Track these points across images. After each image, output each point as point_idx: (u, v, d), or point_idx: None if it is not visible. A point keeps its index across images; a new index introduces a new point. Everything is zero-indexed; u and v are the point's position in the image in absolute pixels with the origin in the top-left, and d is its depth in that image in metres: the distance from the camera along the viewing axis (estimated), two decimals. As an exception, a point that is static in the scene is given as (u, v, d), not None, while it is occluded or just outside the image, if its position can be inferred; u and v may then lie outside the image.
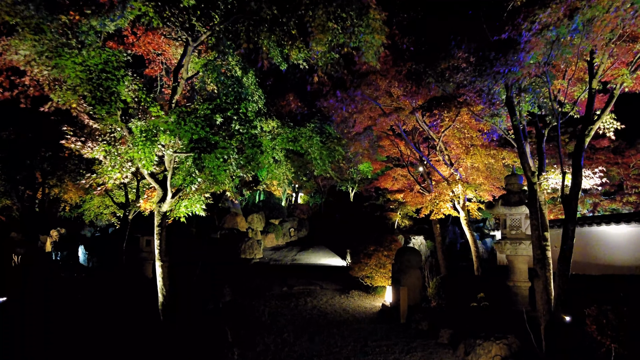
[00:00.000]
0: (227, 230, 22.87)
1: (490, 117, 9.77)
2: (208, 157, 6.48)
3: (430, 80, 10.24)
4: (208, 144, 6.53)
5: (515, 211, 11.04)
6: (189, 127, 6.38)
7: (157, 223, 8.08)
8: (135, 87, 6.96)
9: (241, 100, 7.01)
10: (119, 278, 15.55)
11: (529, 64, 7.35)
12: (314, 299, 14.23)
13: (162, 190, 8.00)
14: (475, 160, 15.12)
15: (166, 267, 8.27)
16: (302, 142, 7.66)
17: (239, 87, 7.28)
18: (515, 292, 10.99)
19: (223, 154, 6.58)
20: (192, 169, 6.82)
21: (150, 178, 7.85)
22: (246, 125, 6.89)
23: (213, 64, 7.22)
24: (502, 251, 11.24)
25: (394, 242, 14.83)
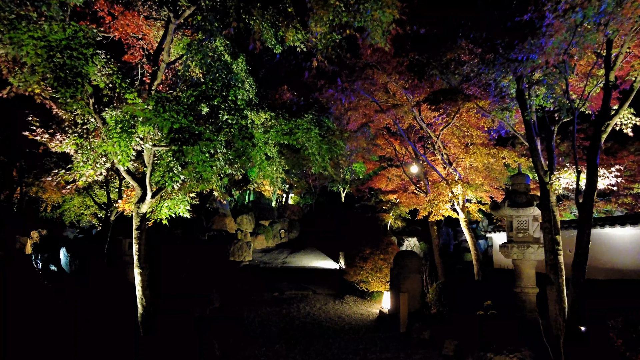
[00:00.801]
0: (216, 232, 21.90)
1: (500, 112, 9.05)
2: (191, 150, 5.60)
3: (434, 73, 9.49)
4: (191, 135, 5.64)
5: (522, 213, 10.33)
6: (169, 115, 5.50)
7: (136, 226, 7.18)
8: (109, 70, 6.05)
9: (230, 87, 6.14)
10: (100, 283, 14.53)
11: (549, 51, 6.61)
12: (307, 305, 13.39)
13: (141, 189, 7.10)
14: (474, 160, 14.45)
15: (146, 275, 7.36)
16: (299, 136, 6.81)
17: (228, 72, 6.42)
18: (522, 299, 10.28)
19: (209, 148, 5.72)
20: (173, 164, 5.94)
21: (127, 175, 6.95)
22: (236, 114, 6.02)
23: (198, 44, 6.33)
24: (508, 255, 10.52)
25: (390, 245, 14.07)
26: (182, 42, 7.18)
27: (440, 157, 14.56)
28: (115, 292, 12.97)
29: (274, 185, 7.51)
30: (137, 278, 7.29)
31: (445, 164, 14.52)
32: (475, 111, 13.87)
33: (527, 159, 14.52)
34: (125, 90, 5.83)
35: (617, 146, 27.80)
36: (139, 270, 7.26)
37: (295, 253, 22.97)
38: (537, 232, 10.51)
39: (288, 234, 26.21)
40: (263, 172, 6.97)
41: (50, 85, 5.28)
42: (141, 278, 7.26)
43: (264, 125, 6.97)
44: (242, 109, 6.15)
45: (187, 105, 5.83)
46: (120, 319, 9.97)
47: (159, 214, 7.66)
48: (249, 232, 23.70)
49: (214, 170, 6.07)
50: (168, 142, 5.72)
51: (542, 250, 10.30)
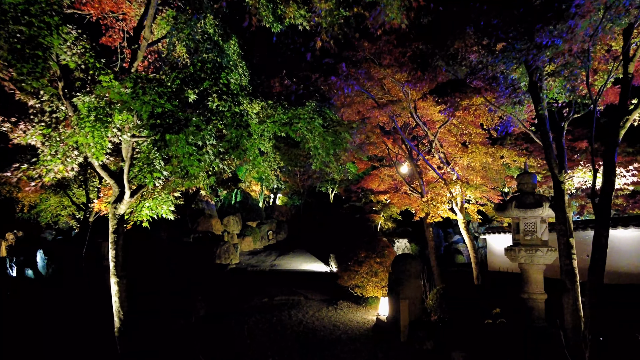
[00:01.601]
0: (201, 234, 20.87)
1: (512, 106, 8.38)
2: (175, 140, 4.73)
3: (439, 64, 8.80)
4: (176, 121, 4.75)
5: (530, 214, 9.67)
6: (150, 98, 4.62)
7: (112, 228, 6.26)
8: (80, 48, 5.13)
9: (221, 69, 5.30)
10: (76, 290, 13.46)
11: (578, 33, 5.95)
12: (299, 311, 12.56)
13: (118, 188, 6.20)
14: (472, 159, 13.85)
15: (124, 284, 6.44)
16: (300, 127, 5.99)
17: (219, 52, 5.56)
18: (530, 306, 9.61)
19: (197, 138, 4.86)
20: (154, 157, 5.05)
21: (102, 171, 6.03)
22: (228, 100, 5.17)
23: (185, 18, 5.45)
24: (514, 259, 9.87)
25: (387, 248, 13.34)
26: (167, 17, 6.24)
27: (437, 155, 13.91)
28: (92, 300, 11.94)
29: (268, 183, 6.67)
30: (114, 288, 6.37)
31: (443, 163, 13.89)
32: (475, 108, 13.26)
33: (527, 158, 13.97)
34: (99, 72, 4.93)
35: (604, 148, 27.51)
36: (116, 279, 6.34)
37: (284, 255, 22.11)
38: (545, 235, 9.89)
39: (276, 236, 25.32)
40: (257, 168, 6.13)
41: (4, 59, 4.35)
42: (118, 288, 6.34)
43: (259, 116, 6.13)
44: (235, 94, 5.31)
45: (172, 91, 4.96)
46: (95, 333, 9.00)
47: (139, 215, 6.76)
48: (236, 234, 22.74)
49: (201, 166, 5.22)
50: (147, 128, 4.84)
51: (551, 254, 9.68)
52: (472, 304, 11.31)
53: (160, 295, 13.06)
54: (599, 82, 9.37)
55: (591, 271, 7.75)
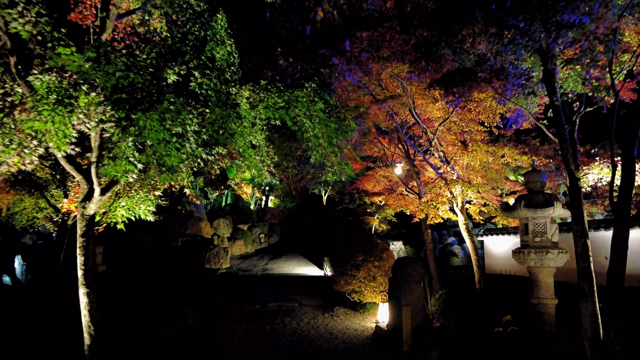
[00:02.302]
0: (190, 237, 19.92)
1: (525, 97, 7.67)
2: (145, 120, 3.89)
3: (444, 52, 8.05)
4: (146, 96, 3.91)
5: (540, 214, 8.99)
6: (115, 69, 3.79)
7: (81, 231, 5.38)
8: (33, 16, 4.26)
9: (206, 43, 4.48)
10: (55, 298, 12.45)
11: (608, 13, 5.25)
12: (293, 319, 11.71)
13: (86, 184, 5.33)
14: (472, 158, 13.15)
15: (94, 295, 5.56)
16: (298, 112, 5.17)
17: (203, 24, 4.72)
18: (540, 311, 8.91)
19: (175, 124, 4.01)
20: (125, 146, 4.19)
21: (67, 164, 5.15)
22: (213, 76, 4.35)
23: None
24: (523, 262, 9.16)
25: (385, 251, 12.57)
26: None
27: (437, 154, 13.19)
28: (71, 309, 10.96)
29: (261, 179, 5.86)
30: (83, 300, 5.48)
31: (442, 162, 13.18)
32: (475, 105, 12.59)
33: (530, 157, 13.32)
34: (58, 43, 4.09)
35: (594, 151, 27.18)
36: (85, 289, 5.45)
37: (277, 259, 21.23)
38: (555, 236, 9.20)
39: (268, 239, 24.43)
40: (247, 162, 5.32)
41: None
42: (88, 300, 5.46)
43: (250, 101, 5.30)
44: (222, 69, 4.50)
45: (144, 63, 4.11)
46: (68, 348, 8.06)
47: (113, 216, 5.90)
48: (227, 237, 21.82)
49: (181, 156, 4.38)
50: (110, 105, 3.97)
51: (562, 256, 8.99)
52: (476, 310, 10.57)
53: (145, 303, 12.14)
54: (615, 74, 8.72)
55: (610, 273, 7.03)
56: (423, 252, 25.96)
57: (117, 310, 10.82)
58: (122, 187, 6.22)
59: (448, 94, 8.10)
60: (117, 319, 10.09)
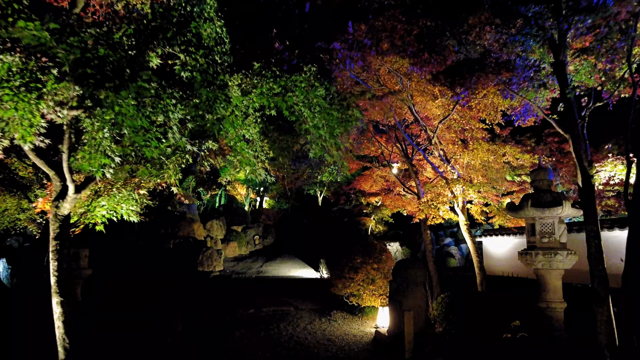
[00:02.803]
0: (182, 239, 19.29)
1: (534, 90, 7.19)
2: (115, 101, 3.31)
3: (449, 43, 7.56)
4: (116, 72, 3.35)
5: (548, 214, 8.50)
6: (79, 41, 3.23)
7: (54, 234, 4.79)
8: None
9: (192, 19, 3.94)
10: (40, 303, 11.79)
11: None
12: (289, 324, 11.16)
13: (59, 180, 4.76)
14: (473, 157, 12.67)
15: (69, 305, 4.98)
16: (297, 98, 4.59)
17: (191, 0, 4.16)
18: (549, 316, 8.42)
19: (156, 110, 3.46)
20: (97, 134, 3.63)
21: (36, 158, 4.55)
22: (199, 54, 3.80)
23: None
24: (530, 264, 8.67)
25: (383, 252, 12.06)
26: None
27: (437, 153, 12.71)
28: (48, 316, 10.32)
29: (255, 176, 5.30)
30: (57, 310, 4.90)
31: (443, 161, 12.69)
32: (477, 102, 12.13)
33: (532, 156, 12.88)
34: (18, 15, 3.51)
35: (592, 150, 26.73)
36: (59, 298, 4.87)
37: (271, 261, 20.65)
38: (563, 237, 8.72)
39: (263, 240, 23.83)
40: (240, 156, 4.78)
41: None
42: (62, 310, 4.87)
43: (242, 87, 4.73)
44: (210, 49, 3.95)
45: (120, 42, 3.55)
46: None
47: (92, 217, 5.33)
48: (220, 239, 21.20)
49: (162, 148, 3.82)
50: (71, 80, 3.39)
51: (571, 258, 8.51)
52: (480, 314, 10.09)
53: (134, 308, 11.53)
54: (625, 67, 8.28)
55: (626, 276, 6.58)
56: (420, 253, 25.51)
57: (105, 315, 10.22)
58: (103, 185, 5.65)
59: (454, 86, 7.62)
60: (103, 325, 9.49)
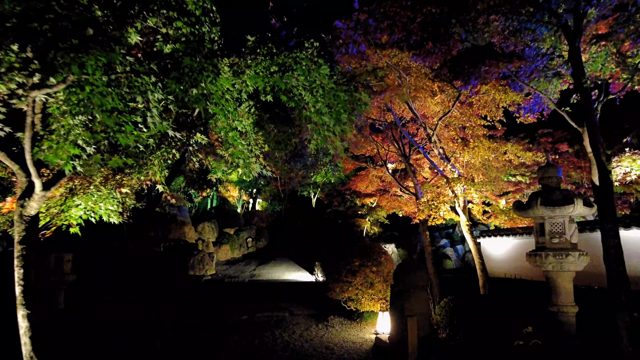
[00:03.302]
0: (173, 242, 18.57)
1: (549, 80, 6.70)
2: (70, 66, 2.66)
3: (456, 31, 7.05)
4: (70, 28, 2.64)
5: (559, 213, 8.01)
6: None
7: (19, 237, 4.12)
8: None
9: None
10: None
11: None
12: (284, 331, 10.55)
13: (24, 175, 4.13)
14: (473, 155, 12.21)
15: (34, 319, 4.33)
16: (297, 80, 3.99)
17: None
18: (560, 320, 7.92)
19: (134, 90, 2.84)
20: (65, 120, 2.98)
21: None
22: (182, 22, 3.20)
23: None
24: (540, 266, 8.16)
25: (383, 255, 11.51)
26: None
27: (436, 151, 12.21)
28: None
29: (248, 171, 4.74)
30: (23, 324, 4.25)
31: (443, 159, 12.20)
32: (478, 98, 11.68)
33: (534, 154, 12.44)
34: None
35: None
36: (24, 311, 4.20)
37: (265, 264, 20.00)
38: (575, 237, 8.24)
39: (256, 243, 23.17)
40: (232, 149, 4.20)
41: None
42: (29, 324, 4.22)
43: (234, 68, 4.12)
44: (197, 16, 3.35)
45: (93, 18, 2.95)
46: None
47: (66, 218, 4.70)
48: (212, 242, 20.51)
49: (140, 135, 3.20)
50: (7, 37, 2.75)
51: (583, 259, 8.01)
52: (486, 318, 9.58)
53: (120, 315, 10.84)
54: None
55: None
56: (416, 255, 25.02)
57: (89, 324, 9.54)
58: (80, 182, 5.02)
59: (462, 75, 7.10)
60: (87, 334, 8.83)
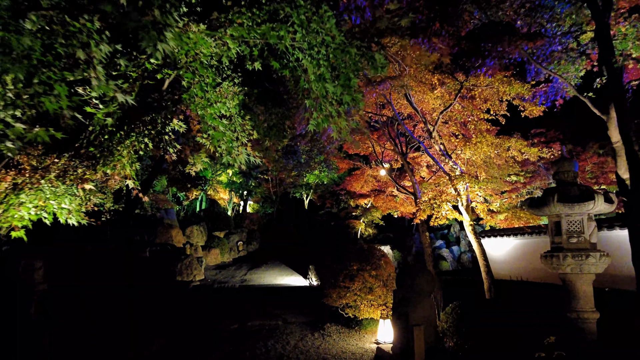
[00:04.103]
0: (159, 247, 17.56)
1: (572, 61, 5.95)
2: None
3: (466, 8, 6.27)
4: None
5: (578, 210, 7.28)
6: None
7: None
8: None
9: None
10: None
11: None
12: (278, 341, 9.67)
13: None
14: (475, 152, 11.46)
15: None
16: (292, 35, 3.13)
17: None
18: (580, 327, 7.17)
19: (72, 42, 2.06)
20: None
21: None
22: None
23: None
24: (557, 267, 7.42)
25: (382, 257, 10.69)
26: None
27: (437, 147, 11.44)
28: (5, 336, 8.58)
29: (234, 161, 3.99)
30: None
31: (444, 156, 11.44)
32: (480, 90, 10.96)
33: (540, 149, 11.72)
34: None
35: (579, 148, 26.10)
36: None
37: (257, 268, 19.07)
38: (594, 236, 7.50)
39: (247, 247, 22.21)
40: (211, 130, 3.36)
41: None
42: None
43: (211, 25, 3.22)
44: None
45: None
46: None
47: (7, 218, 3.80)
48: (201, 246, 19.53)
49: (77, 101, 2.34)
50: None
51: (604, 260, 7.26)
52: (496, 325, 8.79)
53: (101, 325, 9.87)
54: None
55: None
56: (411, 257, 24.28)
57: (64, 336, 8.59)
58: (29, 175, 4.11)
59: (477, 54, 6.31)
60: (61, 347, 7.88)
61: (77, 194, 4.70)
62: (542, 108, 10.57)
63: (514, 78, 10.17)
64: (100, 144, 4.42)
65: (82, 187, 4.72)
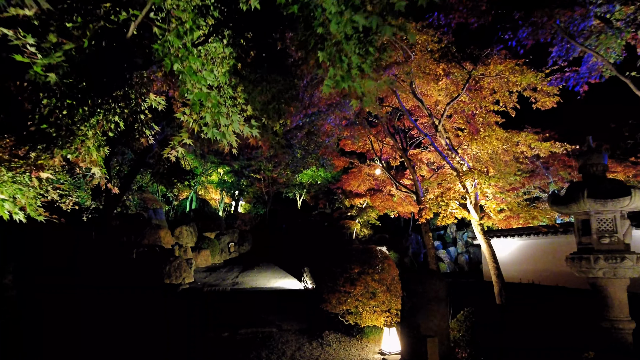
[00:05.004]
0: (147, 248, 16.48)
1: (617, 33, 5.13)
2: None
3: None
4: None
5: (611, 207, 6.51)
6: None
7: None
8: None
9: None
10: None
11: None
12: (272, 351, 8.74)
13: None
14: (482, 147, 10.68)
15: None
16: None
17: None
18: (614, 337, 6.37)
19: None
20: None
21: None
22: None
23: None
24: (586, 272, 6.62)
25: (385, 259, 9.83)
26: None
27: (443, 141, 10.63)
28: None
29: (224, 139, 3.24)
30: None
31: (451, 151, 10.63)
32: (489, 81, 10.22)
33: (553, 144, 10.95)
34: None
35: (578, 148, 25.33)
36: None
37: (249, 270, 18.09)
38: (628, 237, 6.72)
39: (239, 248, 21.21)
40: (194, 95, 2.54)
41: None
42: None
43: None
44: None
45: None
46: None
47: None
48: (190, 247, 18.48)
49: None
50: None
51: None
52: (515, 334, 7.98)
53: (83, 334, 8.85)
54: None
55: None
56: (408, 258, 23.50)
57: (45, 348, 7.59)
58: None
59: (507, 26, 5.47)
60: None
61: (31, 184, 3.76)
62: (555, 99, 9.82)
63: (526, 67, 9.40)
64: (58, 121, 3.48)
65: (36, 176, 3.77)
